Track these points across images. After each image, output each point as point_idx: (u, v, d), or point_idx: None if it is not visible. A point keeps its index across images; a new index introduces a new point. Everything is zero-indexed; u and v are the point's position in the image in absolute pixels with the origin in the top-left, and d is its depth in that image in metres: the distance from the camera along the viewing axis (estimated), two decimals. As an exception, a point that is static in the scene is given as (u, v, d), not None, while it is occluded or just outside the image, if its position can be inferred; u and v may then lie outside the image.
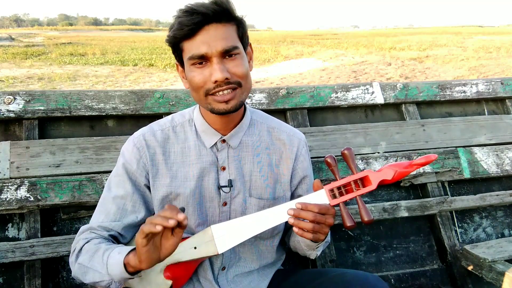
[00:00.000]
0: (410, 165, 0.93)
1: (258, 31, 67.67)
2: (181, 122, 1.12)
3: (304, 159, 1.17)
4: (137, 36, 32.64)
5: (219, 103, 0.96)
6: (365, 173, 0.94)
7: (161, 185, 1.08)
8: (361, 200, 0.93)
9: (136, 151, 1.07)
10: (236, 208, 1.10)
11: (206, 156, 1.08)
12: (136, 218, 1.07)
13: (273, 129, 1.16)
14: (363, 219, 0.91)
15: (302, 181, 1.17)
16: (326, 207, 0.92)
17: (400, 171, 0.93)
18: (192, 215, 1.08)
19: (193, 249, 0.97)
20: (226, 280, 1.12)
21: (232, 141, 1.08)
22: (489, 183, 1.86)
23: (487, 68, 10.86)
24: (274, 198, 1.13)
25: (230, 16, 0.95)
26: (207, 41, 0.92)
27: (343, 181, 0.94)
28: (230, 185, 1.08)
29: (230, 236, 0.96)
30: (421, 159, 0.92)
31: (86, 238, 1.02)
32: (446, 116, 1.93)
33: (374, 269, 1.67)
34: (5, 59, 14.07)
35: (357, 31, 59.23)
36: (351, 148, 0.94)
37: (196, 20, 0.91)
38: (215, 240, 0.97)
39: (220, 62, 0.93)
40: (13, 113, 1.48)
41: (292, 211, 0.91)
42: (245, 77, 0.97)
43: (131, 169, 1.07)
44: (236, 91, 0.96)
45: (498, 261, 1.47)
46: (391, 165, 0.94)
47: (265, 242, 1.16)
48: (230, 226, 0.97)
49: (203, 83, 0.95)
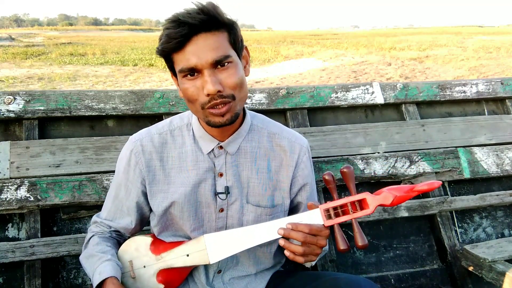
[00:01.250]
0: (411, 190, 0.90)
1: (258, 31, 67.65)
2: (179, 126, 1.10)
3: (305, 166, 1.14)
4: (137, 36, 32.65)
5: (215, 116, 0.93)
6: (364, 196, 0.91)
7: (158, 190, 1.08)
8: (357, 223, 0.90)
9: (133, 157, 1.08)
10: (233, 215, 1.08)
11: (203, 162, 1.06)
12: (130, 223, 1.13)
13: (274, 135, 1.13)
14: (357, 243, 0.88)
15: (302, 188, 1.15)
16: (319, 228, 0.90)
17: (399, 196, 0.90)
18: (187, 221, 1.07)
19: (186, 256, 0.98)
20: (222, 283, 1.12)
21: (230, 147, 1.06)
22: (489, 183, 1.86)
23: (487, 68, 10.86)
24: (273, 205, 1.11)
25: (219, 24, 0.91)
26: (196, 53, 0.89)
27: (339, 201, 0.91)
28: (227, 192, 1.06)
29: (223, 247, 0.96)
30: (423, 186, 0.89)
31: (92, 232, 1.13)
32: (446, 116, 1.93)
33: (374, 269, 1.67)
34: (5, 59, 14.07)
35: (357, 31, 59.24)
36: (351, 167, 0.91)
37: (184, 32, 0.88)
38: (207, 250, 0.97)
39: (212, 74, 0.90)
40: (13, 113, 1.48)
41: (282, 231, 0.89)
42: (239, 87, 0.94)
43: (127, 175, 1.09)
44: (231, 104, 0.94)
45: (498, 261, 1.47)
46: (391, 189, 0.92)
47: (262, 249, 1.14)
48: (223, 237, 0.97)
49: (196, 96, 0.93)
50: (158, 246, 1.06)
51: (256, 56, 14.58)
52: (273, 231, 0.93)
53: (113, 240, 1.13)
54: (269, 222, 0.95)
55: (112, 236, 1.14)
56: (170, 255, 1.03)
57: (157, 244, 1.07)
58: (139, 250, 1.06)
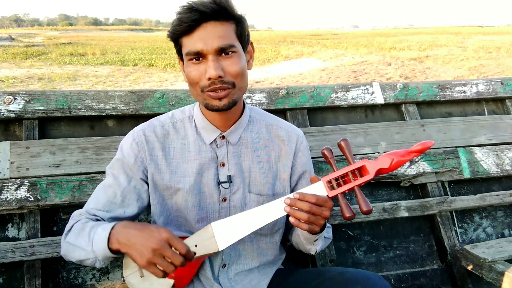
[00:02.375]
0: (407, 153, 0.93)
1: (258, 31, 67.68)
2: (181, 118, 1.13)
3: (303, 154, 1.18)
4: (137, 36, 32.62)
5: (213, 99, 0.97)
6: (362, 163, 0.94)
7: (160, 180, 1.09)
8: (360, 191, 0.93)
9: (135, 146, 1.09)
10: (236, 204, 1.11)
11: (206, 152, 1.09)
12: (123, 213, 1.08)
13: (272, 126, 1.17)
14: (362, 209, 0.91)
15: (301, 176, 1.18)
16: (324, 198, 0.92)
17: (397, 160, 0.92)
18: (192, 211, 1.09)
19: (194, 247, 0.97)
20: (227, 278, 1.13)
21: (232, 137, 1.10)
22: (489, 183, 1.86)
23: (487, 68, 10.87)
24: (274, 194, 1.14)
25: (228, 15, 0.97)
26: (203, 38, 0.94)
27: (340, 171, 0.94)
28: (230, 181, 1.10)
29: (231, 233, 0.96)
30: (417, 146, 0.91)
31: (75, 220, 1.07)
32: (446, 116, 1.93)
33: (374, 269, 1.67)
34: (5, 59, 14.08)
35: (357, 31, 59.23)
36: (347, 139, 0.94)
37: (194, 17, 0.93)
38: (215, 237, 0.97)
39: (215, 60, 0.95)
40: (13, 113, 1.48)
41: (288, 200, 0.92)
42: (240, 75, 0.98)
43: (128, 164, 1.08)
44: (230, 90, 0.98)
45: (498, 261, 1.47)
46: (388, 154, 0.94)
47: (266, 239, 1.17)
48: (230, 222, 0.97)
49: (198, 79, 0.97)
50: None
51: (256, 56, 14.50)
52: (278, 210, 0.95)
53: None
54: (273, 201, 0.96)
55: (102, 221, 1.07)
56: None
57: None
58: None
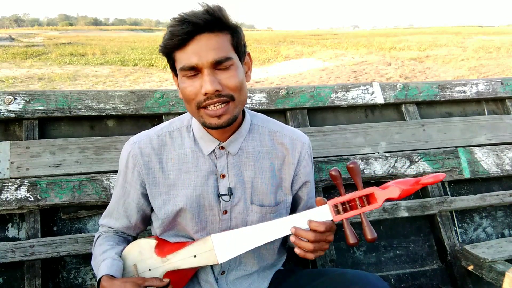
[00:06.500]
0: (416, 183, 0.91)
1: (258, 31, 67.63)
2: (178, 128, 1.09)
3: (307, 164, 1.14)
4: (137, 36, 32.60)
5: (211, 117, 0.93)
6: (371, 190, 0.91)
7: (159, 193, 1.07)
8: (365, 218, 0.91)
9: (131, 160, 1.07)
10: (237, 216, 1.07)
11: (204, 164, 1.05)
12: (129, 223, 1.13)
13: (275, 133, 1.12)
14: (367, 237, 0.89)
15: (303, 185, 1.16)
16: (330, 225, 0.91)
17: (406, 189, 0.91)
18: (190, 223, 1.07)
19: (193, 258, 0.97)
20: (226, 283, 1.12)
21: (231, 147, 1.05)
22: (489, 183, 1.86)
23: (487, 68, 10.86)
24: (276, 203, 1.11)
25: (223, 25, 0.92)
26: (197, 52, 0.89)
27: (347, 196, 0.91)
28: (230, 193, 1.05)
29: (231, 246, 0.96)
30: (429, 179, 0.90)
31: (99, 233, 1.16)
32: (446, 116, 1.93)
33: (374, 269, 1.67)
34: (5, 59, 14.07)
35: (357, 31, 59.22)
36: (356, 162, 0.91)
37: (187, 30, 0.88)
38: (215, 250, 0.96)
39: (211, 74, 0.90)
40: (13, 113, 1.48)
41: (294, 229, 0.91)
42: (238, 89, 0.93)
43: (126, 177, 1.09)
44: (229, 105, 0.93)
45: (498, 261, 1.47)
46: (397, 182, 0.92)
47: (266, 246, 1.13)
48: (231, 236, 0.96)
49: (194, 95, 0.92)
50: (163, 248, 1.05)
51: (256, 56, 14.58)
52: (283, 229, 0.94)
53: (118, 238, 1.13)
54: (275, 220, 0.95)
55: (118, 234, 1.15)
56: (176, 256, 1.02)
57: (162, 246, 1.06)
58: (143, 253, 1.05)
